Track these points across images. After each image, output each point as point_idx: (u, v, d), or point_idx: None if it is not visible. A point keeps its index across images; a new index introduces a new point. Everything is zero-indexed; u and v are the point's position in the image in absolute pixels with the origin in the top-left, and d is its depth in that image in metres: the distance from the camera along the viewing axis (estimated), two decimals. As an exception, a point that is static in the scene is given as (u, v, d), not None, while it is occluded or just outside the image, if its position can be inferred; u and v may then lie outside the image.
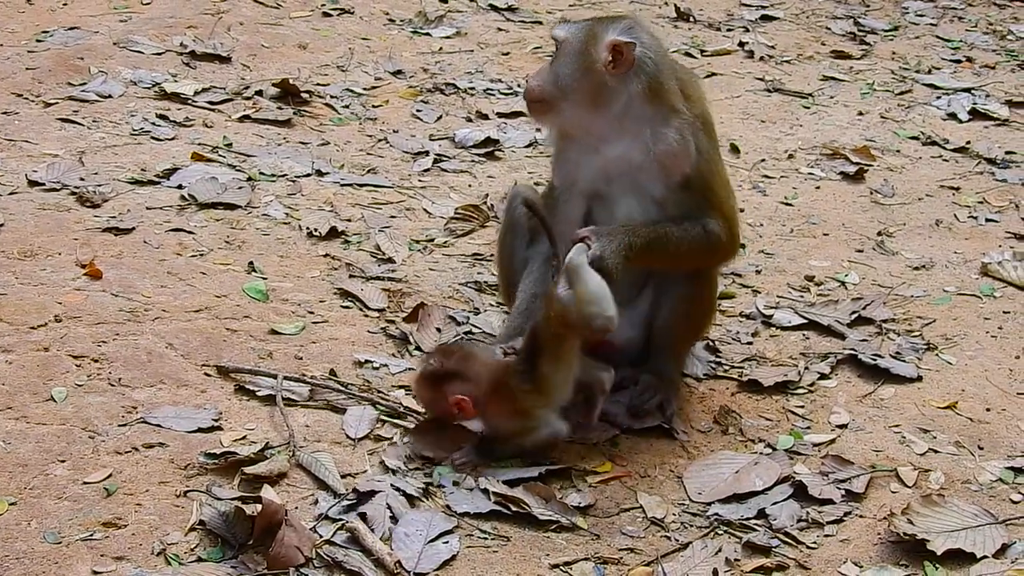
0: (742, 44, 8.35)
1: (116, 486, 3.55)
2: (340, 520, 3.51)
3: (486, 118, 6.76)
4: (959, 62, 8.31)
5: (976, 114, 7.29)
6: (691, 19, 8.86)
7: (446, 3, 8.60)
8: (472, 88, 7.15)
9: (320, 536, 3.44)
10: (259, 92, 6.63)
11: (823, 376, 4.51)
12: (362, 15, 8.16)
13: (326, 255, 5.07)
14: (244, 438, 3.85)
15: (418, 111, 6.75)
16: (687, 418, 4.24)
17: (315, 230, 5.21)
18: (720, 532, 3.69)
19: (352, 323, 4.60)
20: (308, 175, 5.77)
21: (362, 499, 3.59)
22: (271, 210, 5.38)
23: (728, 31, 8.70)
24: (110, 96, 6.36)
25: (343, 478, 3.70)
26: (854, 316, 4.91)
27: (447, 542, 3.49)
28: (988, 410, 4.35)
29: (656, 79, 4.01)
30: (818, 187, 6.22)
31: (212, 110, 6.40)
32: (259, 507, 3.37)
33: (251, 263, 4.90)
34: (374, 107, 6.74)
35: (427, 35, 7.99)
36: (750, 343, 4.74)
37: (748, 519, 3.74)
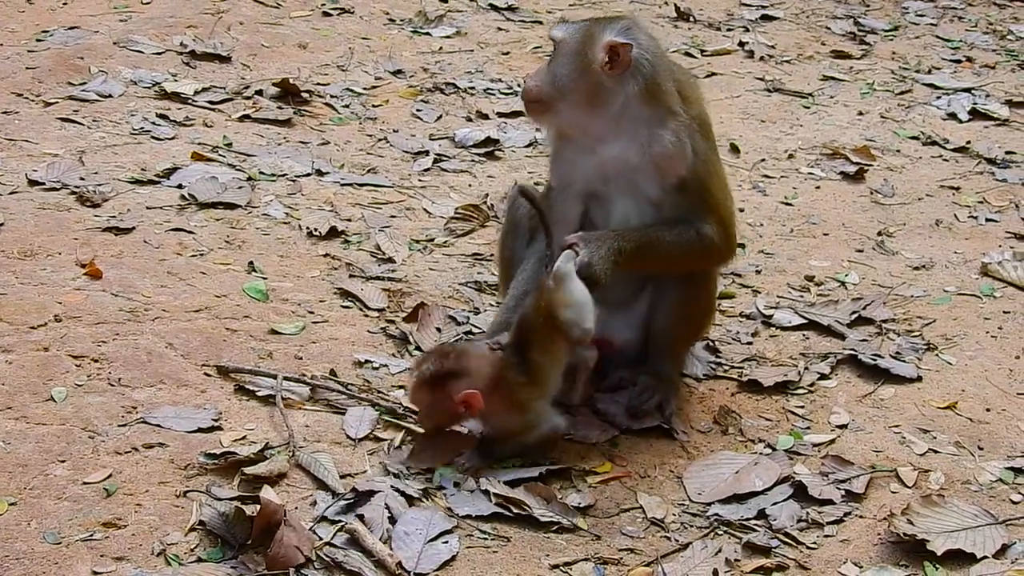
0: (742, 44, 8.34)
1: (116, 486, 3.55)
2: (339, 521, 3.50)
3: (486, 118, 6.76)
4: (959, 62, 8.31)
5: (976, 114, 7.29)
6: (691, 19, 8.86)
7: (446, 3, 8.60)
8: (472, 88, 7.15)
9: (320, 538, 3.44)
10: (259, 92, 6.63)
11: (823, 376, 4.51)
12: (362, 15, 8.16)
13: (326, 255, 5.07)
14: (244, 438, 3.84)
15: (418, 111, 6.75)
16: (687, 418, 4.24)
17: (315, 230, 5.21)
18: (720, 532, 3.69)
19: (352, 323, 4.60)
20: (308, 175, 5.77)
21: (361, 499, 3.59)
22: (271, 210, 5.37)
23: (728, 31, 8.69)
24: (110, 96, 6.35)
25: (343, 478, 3.70)
26: (854, 316, 4.90)
27: (447, 542, 3.49)
28: (988, 410, 4.35)
29: (653, 80, 4.00)
30: (818, 187, 6.21)
31: (212, 110, 6.39)
32: (258, 507, 3.37)
33: (251, 263, 4.90)
34: (374, 107, 6.74)
35: (427, 35, 7.98)
36: (750, 343, 4.74)
37: (748, 519, 3.74)
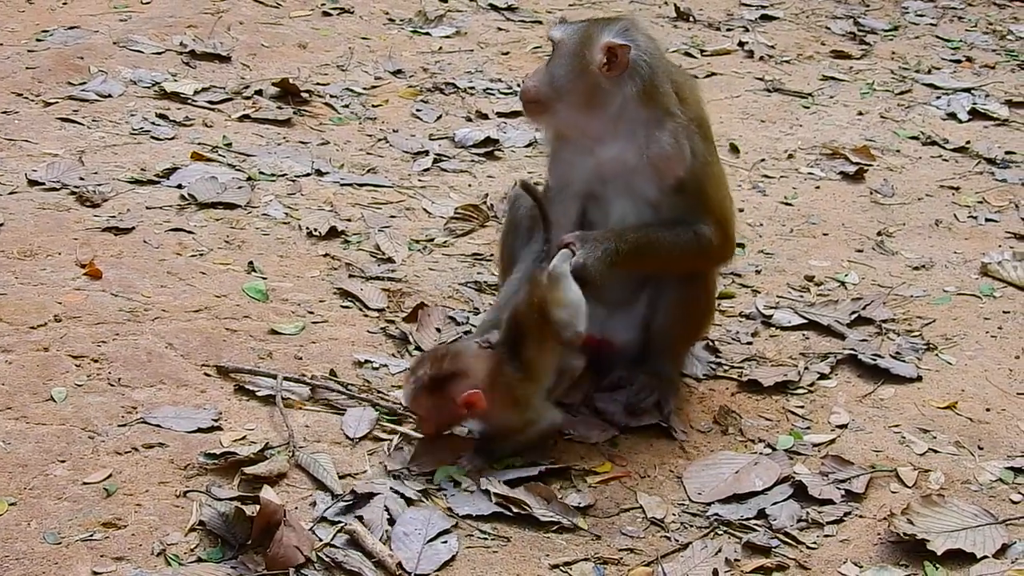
0: (742, 44, 8.34)
1: (116, 486, 3.55)
2: (339, 521, 3.50)
3: (486, 118, 6.76)
4: (959, 62, 8.31)
5: (976, 114, 7.29)
6: (691, 19, 8.86)
7: (446, 3, 8.60)
8: (472, 88, 7.15)
9: (320, 539, 3.43)
10: (259, 92, 6.63)
11: (823, 376, 4.51)
12: (362, 15, 8.16)
13: (326, 255, 5.07)
14: (244, 438, 3.84)
15: (418, 111, 6.75)
16: (687, 418, 4.24)
17: (315, 230, 5.21)
18: (720, 532, 3.69)
19: (352, 323, 4.60)
20: (308, 175, 5.77)
21: (361, 500, 3.59)
22: (271, 210, 5.37)
23: (728, 31, 8.69)
24: (110, 95, 6.35)
25: (342, 478, 3.70)
26: (854, 316, 4.90)
27: (446, 542, 3.49)
28: (988, 410, 4.35)
29: (651, 82, 4.00)
30: (818, 187, 6.21)
31: (212, 110, 6.39)
32: (258, 507, 3.37)
33: (251, 263, 4.90)
34: (374, 107, 6.74)
35: (427, 35, 7.98)
36: (750, 343, 4.74)
37: (748, 519, 3.74)
